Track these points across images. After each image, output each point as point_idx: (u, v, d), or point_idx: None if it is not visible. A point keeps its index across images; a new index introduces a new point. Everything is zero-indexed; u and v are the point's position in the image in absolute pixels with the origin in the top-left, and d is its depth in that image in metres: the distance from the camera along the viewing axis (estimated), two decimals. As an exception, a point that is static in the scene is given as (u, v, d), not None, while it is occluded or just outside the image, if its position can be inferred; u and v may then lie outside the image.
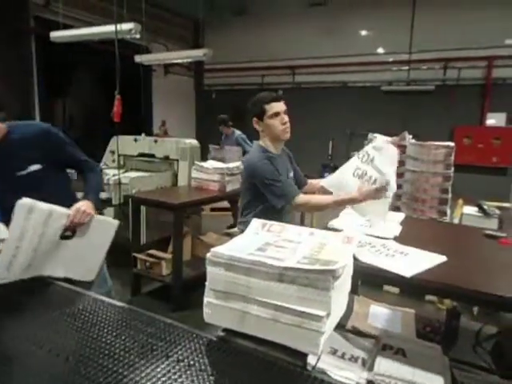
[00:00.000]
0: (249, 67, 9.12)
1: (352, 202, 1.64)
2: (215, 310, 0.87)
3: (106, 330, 0.95)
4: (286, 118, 1.85)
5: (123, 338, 0.92)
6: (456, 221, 2.86)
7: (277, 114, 1.83)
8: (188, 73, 9.82)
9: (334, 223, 1.69)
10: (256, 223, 1.09)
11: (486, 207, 2.76)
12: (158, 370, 0.81)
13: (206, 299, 0.88)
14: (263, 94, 1.92)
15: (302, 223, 4.14)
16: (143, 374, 0.79)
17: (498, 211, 2.73)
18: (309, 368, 0.85)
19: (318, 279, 0.77)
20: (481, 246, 1.58)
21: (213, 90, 9.75)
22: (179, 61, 7.15)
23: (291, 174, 1.97)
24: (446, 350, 1.32)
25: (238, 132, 5.38)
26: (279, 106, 1.85)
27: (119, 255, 3.66)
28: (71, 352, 0.86)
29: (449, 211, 2.50)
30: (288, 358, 0.81)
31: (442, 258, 1.30)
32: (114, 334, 0.93)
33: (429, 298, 3.00)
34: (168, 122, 8.23)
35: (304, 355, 0.81)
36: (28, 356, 0.87)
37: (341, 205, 1.72)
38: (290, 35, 8.76)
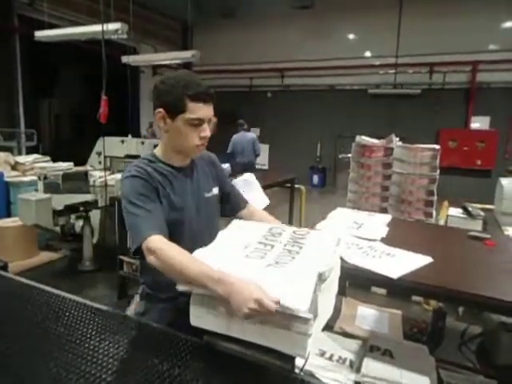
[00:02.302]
0: (237, 69, 9.13)
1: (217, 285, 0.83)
2: (202, 313, 0.86)
3: (89, 335, 0.93)
4: (208, 132, 1.17)
5: (107, 343, 0.90)
6: (441, 222, 2.90)
7: (199, 122, 1.13)
8: (176, 74, 9.78)
9: (321, 225, 1.69)
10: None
11: (470, 209, 2.80)
12: (143, 375, 0.79)
13: (192, 303, 0.87)
14: (188, 77, 1.14)
15: (289, 223, 4.14)
16: (127, 380, 0.77)
17: (482, 213, 2.78)
18: (297, 370, 0.84)
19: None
20: (466, 248, 1.60)
21: (201, 92, 9.73)
22: (167, 62, 7.12)
23: (215, 190, 1.30)
24: (433, 350, 1.34)
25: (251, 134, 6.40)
26: (206, 111, 1.14)
27: (106, 258, 3.64)
28: (53, 358, 0.84)
29: (434, 213, 2.53)
30: (276, 360, 0.80)
31: (428, 259, 1.31)
32: (98, 339, 0.91)
33: (415, 298, 3.03)
34: (156, 124, 8.17)
35: (292, 358, 0.81)
36: (9, 361, 0.84)
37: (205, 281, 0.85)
38: (278, 38, 8.81)
